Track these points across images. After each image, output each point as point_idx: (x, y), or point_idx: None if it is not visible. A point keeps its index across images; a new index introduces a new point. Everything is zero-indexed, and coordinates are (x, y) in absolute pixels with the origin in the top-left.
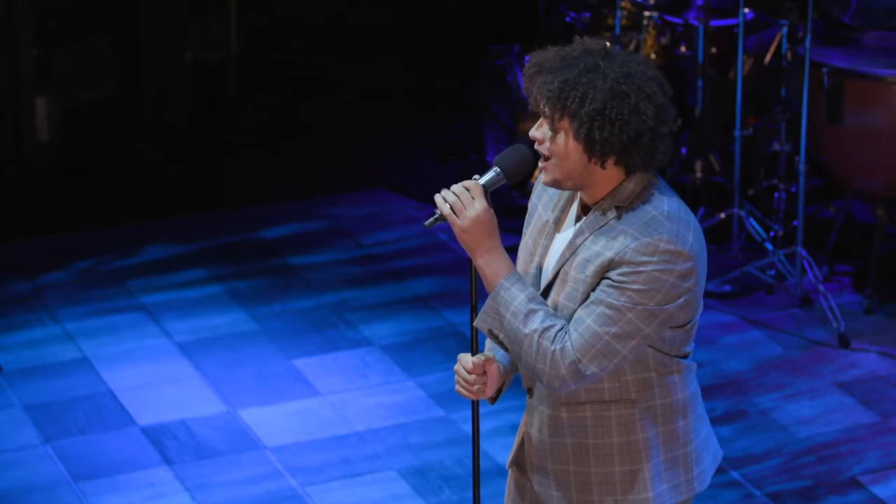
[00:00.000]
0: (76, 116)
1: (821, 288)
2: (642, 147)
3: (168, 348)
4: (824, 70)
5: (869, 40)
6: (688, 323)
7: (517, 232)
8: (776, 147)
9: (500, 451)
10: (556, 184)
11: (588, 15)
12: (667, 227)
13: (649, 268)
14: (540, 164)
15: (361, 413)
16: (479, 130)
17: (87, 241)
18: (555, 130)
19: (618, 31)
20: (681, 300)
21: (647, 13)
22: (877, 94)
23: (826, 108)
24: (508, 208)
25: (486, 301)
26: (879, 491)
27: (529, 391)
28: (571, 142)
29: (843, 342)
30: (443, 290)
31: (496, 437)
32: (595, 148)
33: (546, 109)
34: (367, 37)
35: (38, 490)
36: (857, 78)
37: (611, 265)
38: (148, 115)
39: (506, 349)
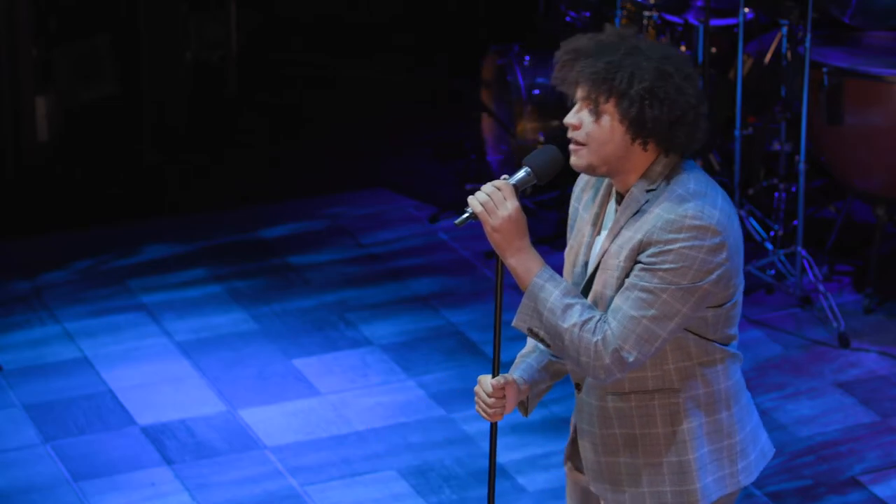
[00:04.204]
0: (76, 116)
1: (821, 288)
2: (686, 126)
3: (168, 348)
4: (824, 70)
5: (869, 40)
6: (727, 303)
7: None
8: (776, 147)
9: (500, 451)
10: (590, 169)
11: (588, 15)
12: (692, 203)
13: (677, 245)
14: (572, 150)
15: (361, 413)
16: (479, 130)
17: (87, 241)
18: (598, 113)
19: None
20: (713, 276)
21: (647, 13)
22: (877, 94)
23: (826, 108)
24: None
25: (522, 300)
26: (879, 491)
27: (578, 386)
28: (616, 124)
29: (843, 342)
30: (443, 289)
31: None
32: (645, 127)
33: (590, 93)
34: (368, 36)
35: (38, 490)
36: (857, 78)
37: (640, 247)
38: (148, 114)
39: (547, 346)
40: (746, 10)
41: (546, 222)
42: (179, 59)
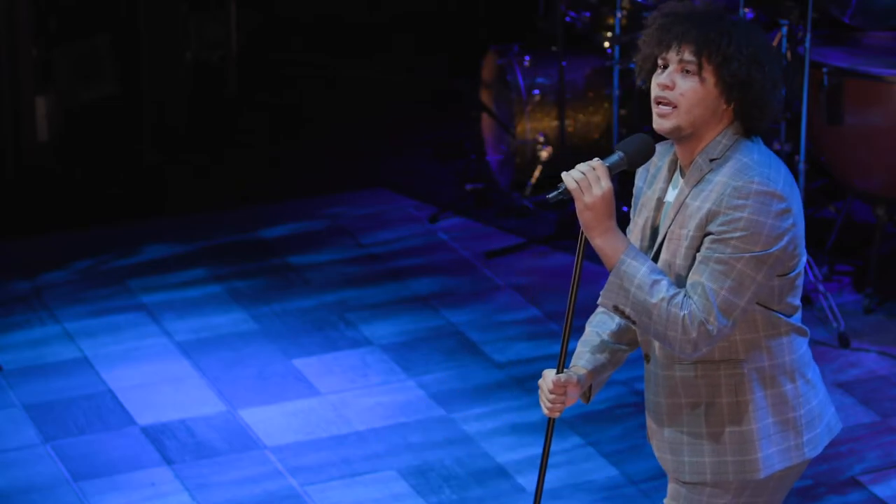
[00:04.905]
0: (76, 116)
1: (821, 288)
2: (778, 95)
3: (168, 348)
4: (824, 70)
5: (869, 40)
6: (791, 272)
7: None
8: (776, 147)
9: (499, 452)
10: (675, 131)
11: (588, 15)
12: (757, 170)
13: (746, 212)
14: (660, 113)
15: (361, 413)
16: (479, 130)
17: (87, 241)
18: (701, 76)
19: (618, 31)
20: (783, 241)
21: (647, 13)
22: (877, 94)
23: (826, 108)
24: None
25: (609, 278)
26: (879, 491)
27: (647, 357)
28: (712, 87)
29: (843, 342)
30: (443, 289)
31: (496, 436)
32: (750, 90)
33: (696, 54)
34: (368, 36)
35: (38, 490)
36: (857, 78)
37: (709, 216)
38: (148, 114)
39: (632, 322)
40: (746, 10)
41: (546, 222)
42: (179, 59)
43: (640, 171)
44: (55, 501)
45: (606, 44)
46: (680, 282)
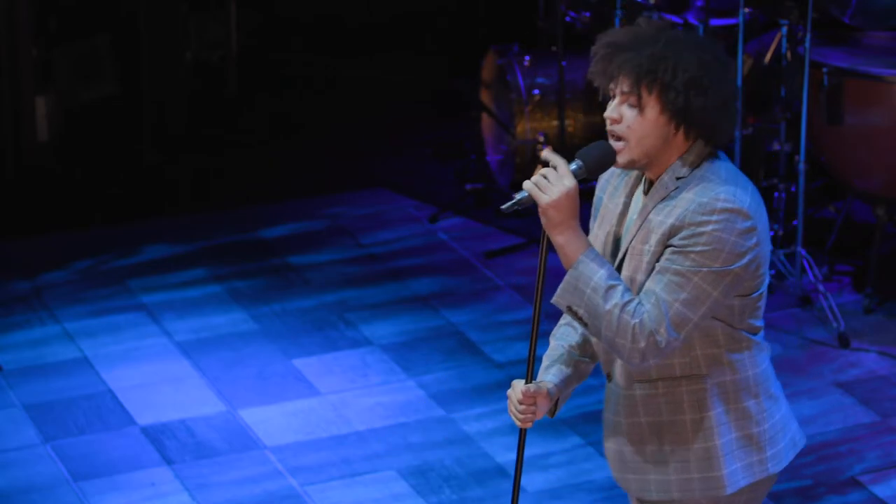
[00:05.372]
0: (76, 116)
1: (820, 288)
2: (728, 112)
3: (168, 348)
4: (824, 70)
5: (869, 40)
6: (754, 293)
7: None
8: (776, 147)
9: (499, 452)
10: (631, 164)
11: (588, 15)
12: (724, 188)
13: (709, 227)
14: (614, 146)
15: (361, 413)
16: (479, 130)
17: (87, 241)
18: (641, 106)
19: None
20: (744, 260)
21: (647, 13)
22: (877, 94)
23: (826, 108)
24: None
25: (566, 277)
26: (879, 491)
27: (608, 376)
28: (658, 116)
29: (843, 342)
30: (443, 289)
31: (496, 437)
32: (692, 117)
33: (633, 86)
34: (367, 36)
35: (38, 490)
36: (857, 78)
37: (672, 230)
38: (148, 114)
39: (584, 325)
40: (746, 10)
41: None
42: (179, 59)
43: (601, 181)
44: (55, 501)
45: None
46: None
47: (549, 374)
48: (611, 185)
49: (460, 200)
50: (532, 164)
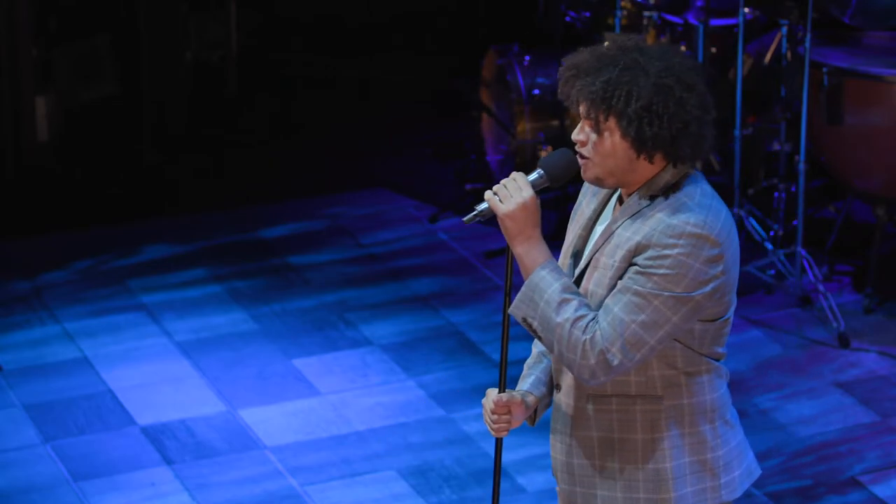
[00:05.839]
0: (76, 116)
1: (820, 288)
2: (690, 137)
3: (168, 348)
4: (824, 70)
5: (869, 40)
6: (718, 318)
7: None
8: (776, 147)
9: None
10: (597, 182)
11: (588, 15)
12: (695, 212)
13: (675, 251)
14: (581, 163)
15: (361, 413)
16: (479, 130)
17: (87, 241)
18: (600, 132)
19: (618, 31)
20: (708, 287)
21: (647, 13)
22: (877, 94)
23: (826, 108)
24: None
25: (522, 289)
26: (879, 491)
27: (557, 386)
28: (618, 140)
29: (843, 342)
30: (443, 289)
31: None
32: (646, 144)
33: (590, 112)
34: (367, 36)
35: (38, 490)
36: (857, 78)
37: (638, 249)
38: (148, 114)
39: (539, 338)
40: (746, 10)
41: (546, 222)
42: (179, 59)
43: (584, 188)
44: (55, 501)
45: (606, 44)
46: None
47: (527, 383)
48: (590, 191)
49: (460, 200)
50: (532, 164)
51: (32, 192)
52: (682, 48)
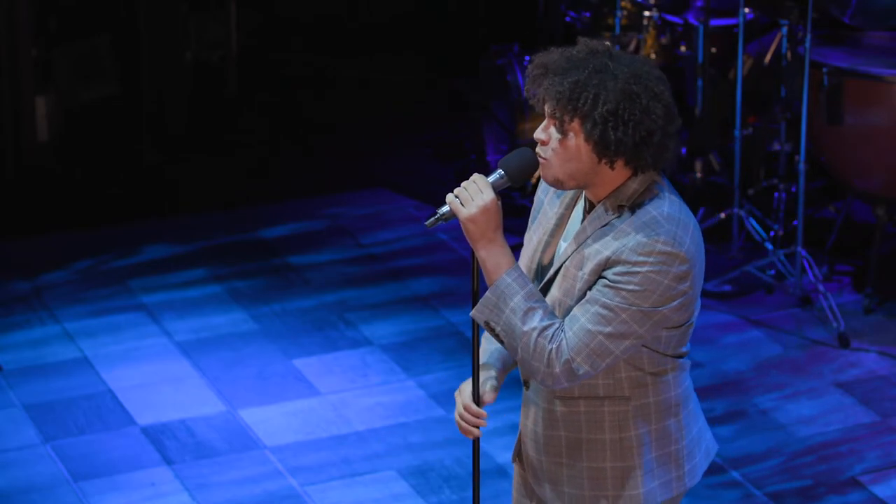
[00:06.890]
0: (76, 116)
1: (821, 288)
2: (653, 146)
3: (168, 348)
4: (824, 70)
5: (869, 40)
6: (683, 325)
7: (516, 232)
8: (776, 147)
9: (499, 451)
10: (557, 183)
11: (588, 15)
12: (665, 228)
13: (645, 269)
14: (541, 163)
15: (361, 413)
16: (479, 130)
17: (87, 241)
18: (564, 132)
19: (618, 30)
20: (675, 302)
21: (647, 13)
22: (877, 94)
23: (826, 108)
24: (508, 207)
25: (486, 294)
26: (879, 491)
27: (526, 384)
28: (582, 143)
29: (843, 342)
30: (443, 289)
31: (495, 436)
32: (609, 148)
33: (555, 111)
34: (367, 36)
35: (38, 490)
36: (857, 78)
37: (607, 263)
38: (148, 115)
39: (501, 342)
40: (746, 10)
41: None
42: (179, 59)
43: (542, 184)
44: (55, 501)
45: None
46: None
47: (493, 357)
48: (552, 190)
49: None
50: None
51: (32, 192)
52: (683, 48)
